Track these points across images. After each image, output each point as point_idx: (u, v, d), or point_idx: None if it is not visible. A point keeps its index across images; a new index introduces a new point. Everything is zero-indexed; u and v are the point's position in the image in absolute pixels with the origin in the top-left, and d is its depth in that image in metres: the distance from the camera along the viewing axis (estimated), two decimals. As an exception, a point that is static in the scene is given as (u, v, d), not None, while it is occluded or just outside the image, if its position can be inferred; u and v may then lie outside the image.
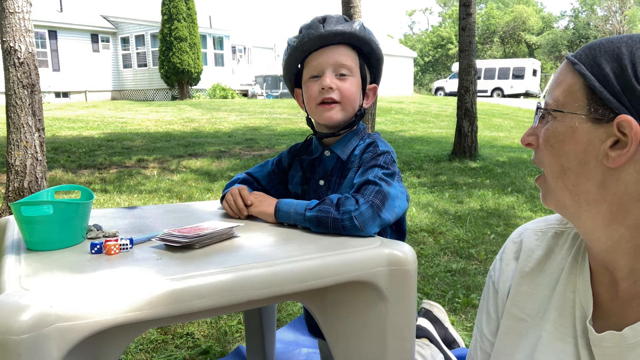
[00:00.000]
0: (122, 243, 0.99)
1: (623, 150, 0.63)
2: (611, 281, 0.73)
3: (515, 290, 0.85)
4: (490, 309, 0.91)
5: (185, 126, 11.14)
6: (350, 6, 5.39)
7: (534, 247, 0.86)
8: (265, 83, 22.66)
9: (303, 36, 1.29)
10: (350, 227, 1.10)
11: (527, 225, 0.90)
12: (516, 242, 0.89)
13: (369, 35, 1.31)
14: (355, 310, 1.05)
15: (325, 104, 1.30)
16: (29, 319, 0.71)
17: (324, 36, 1.27)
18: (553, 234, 0.85)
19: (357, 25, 1.29)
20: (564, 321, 0.77)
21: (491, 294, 0.92)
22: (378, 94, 1.52)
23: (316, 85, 1.30)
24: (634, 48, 0.64)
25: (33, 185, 3.84)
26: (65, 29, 20.13)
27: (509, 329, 0.85)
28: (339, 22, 1.29)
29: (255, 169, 1.49)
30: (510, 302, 0.86)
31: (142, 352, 1.94)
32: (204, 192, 5.05)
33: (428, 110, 17.05)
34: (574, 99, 0.68)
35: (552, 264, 0.82)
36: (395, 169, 1.23)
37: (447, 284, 2.66)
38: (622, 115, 0.63)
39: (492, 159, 7.29)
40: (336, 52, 1.30)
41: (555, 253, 0.83)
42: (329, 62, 1.29)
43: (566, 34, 49.44)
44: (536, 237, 0.86)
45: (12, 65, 3.72)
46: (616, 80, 0.63)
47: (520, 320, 0.84)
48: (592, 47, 0.68)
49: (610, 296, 0.73)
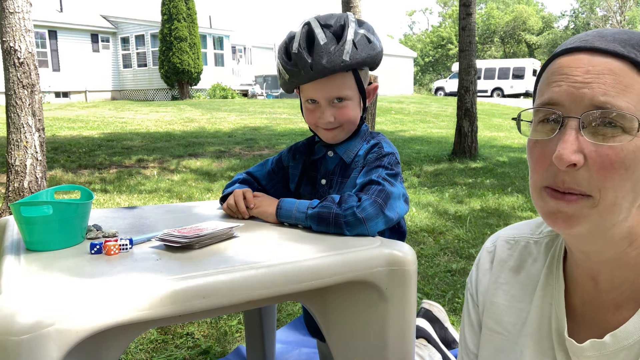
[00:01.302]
0: (122, 243, 0.99)
1: None
2: (596, 292, 0.71)
3: (490, 302, 0.83)
4: (473, 322, 0.87)
5: (185, 126, 11.14)
6: (350, 6, 5.38)
7: (506, 257, 0.82)
8: (265, 83, 22.65)
9: (292, 73, 1.25)
10: (353, 222, 1.10)
11: (499, 233, 0.86)
12: (490, 251, 0.86)
13: (361, 55, 1.22)
14: (355, 310, 1.05)
15: (326, 129, 1.30)
16: (28, 320, 0.70)
17: (314, 76, 1.22)
18: (525, 243, 0.81)
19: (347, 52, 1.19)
20: (542, 334, 0.75)
21: (471, 306, 0.88)
22: (378, 93, 1.51)
23: (315, 113, 1.29)
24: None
25: (33, 185, 3.84)
26: (65, 29, 20.13)
27: (487, 343, 0.83)
28: (327, 52, 1.18)
29: (255, 168, 1.48)
30: (487, 314, 0.83)
31: (142, 352, 1.94)
32: (204, 192, 5.05)
33: (428, 110, 17.05)
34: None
35: (527, 275, 0.79)
36: (398, 170, 1.24)
37: (447, 284, 2.66)
38: None
39: (492, 159, 7.29)
40: (330, 85, 1.24)
41: (528, 263, 0.80)
42: (324, 96, 1.26)
43: (566, 34, 49.43)
44: (508, 246, 0.83)
45: (12, 65, 3.72)
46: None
47: (497, 333, 0.81)
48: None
49: (594, 307, 0.71)
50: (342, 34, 1.22)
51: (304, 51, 1.21)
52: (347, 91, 1.26)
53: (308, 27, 1.23)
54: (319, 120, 1.28)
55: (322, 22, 1.23)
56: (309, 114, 1.32)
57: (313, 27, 1.22)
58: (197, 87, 20.60)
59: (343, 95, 1.26)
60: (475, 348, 0.88)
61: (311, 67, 1.20)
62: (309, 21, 1.24)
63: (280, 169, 1.46)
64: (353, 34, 1.22)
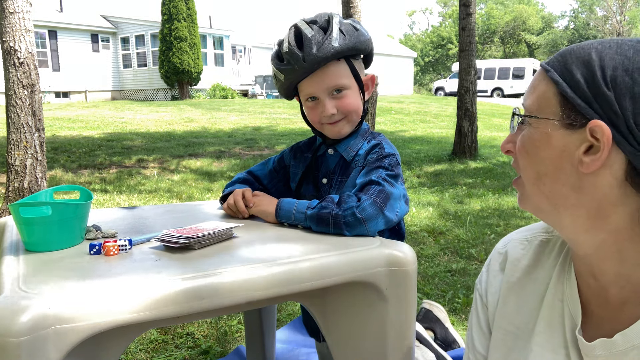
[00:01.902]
0: (121, 244, 0.99)
1: (596, 155, 0.63)
2: (599, 287, 0.72)
3: (503, 302, 0.84)
4: (482, 323, 0.89)
5: (185, 126, 11.14)
6: (350, 6, 5.38)
7: (519, 256, 0.84)
8: (265, 83, 22.65)
9: (287, 71, 1.25)
10: (352, 222, 1.09)
11: (512, 235, 0.89)
12: (502, 252, 0.88)
13: (350, 41, 1.24)
14: (355, 311, 1.04)
15: (330, 123, 1.30)
16: (27, 321, 0.70)
17: (309, 69, 1.23)
18: (539, 242, 0.84)
19: (336, 39, 1.22)
20: (554, 332, 0.76)
21: (479, 307, 0.90)
22: (378, 93, 1.51)
23: (316, 110, 1.29)
24: (603, 54, 0.64)
25: (33, 185, 3.84)
26: (65, 29, 20.13)
27: (499, 342, 0.84)
28: (316, 42, 1.21)
29: (256, 168, 1.48)
30: (499, 314, 0.84)
31: (142, 352, 1.94)
32: (203, 192, 5.05)
33: (428, 110, 17.05)
34: (548, 106, 0.68)
35: (540, 273, 0.81)
36: (399, 171, 1.23)
37: (447, 284, 2.66)
38: (594, 121, 0.63)
39: (492, 159, 7.28)
40: (326, 76, 1.25)
41: (542, 262, 0.82)
42: (322, 88, 1.26)
43: (566, 34, 49.43)
44: (522, 246, 0.85)
45: (12, 65, 3.72)
46: (587, 86, 0.64)
47: (509, 332, 0.82)
48: (564, 54, 0.68)
49: (600, 303, 0.73)
50: (328, 26, 1.24)
51: (294, 48, 1.22)
52: (344, 80, 1.27)
53: (295, 27, 1.26)
54: (322, 115, 1.28)
55: (307, 21, 1.26)
56: (311, 112, 1.31)
57: (299, 26, 1.25)
58: (197, 87, 20.59)
59: (340, 85, 1.26)
60: (482, 348, 0.89)
61: (304, 59, 1.21)
62: (296, 23, 1.27)
63: (282, 168, 1.46)
64: (339, 24, 1.25)
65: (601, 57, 0.64)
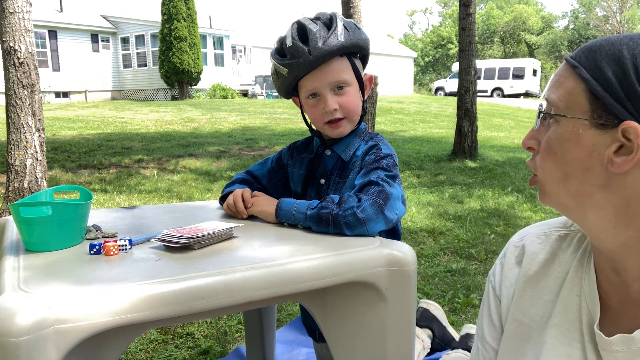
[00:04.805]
0: (121, 244, 0.99)
1: (628, 156, 0.62)
2: (621, 283, 0.71)
3: (519, 294, 0.84)
4: (493, 316, 0.89)
5: (185, 126, 11.14)
6: (350, 6, 5.38)
7: (537, 250, 0.84)
8: (265, 83, 22.64)
9: (291, 65, 1.25)
10: (353, 222, 1.10)
11: (528, 229, 0.88)
12: (518, 246, 0.87)
13: (354, 37, 1.26)
14: (355, 311, 1.05)
15: (332, 123, 1.30)
16: (27, 321, 0.70)
17: (314, 62, 1.23)
18: (557, 237, 0.83)
19: (341, 34, 1.24)
20: (570, 325, 0.76)
21: (492, 300, 0.90)
22: (378, 93, 1.51)
23: (318, 107, 1.29)
24: (635, 51, 0.62)
25: (33, 185, 3.84)
26: (65, 29, 20.12)
27: (513, 333, 0.84)
28: (322, 36, 1.22)
29: (255, 167, 1.48)
30: (515, 306, 0.84)
31: (142, 352, 1.94)
32: (203, 192, 5.04)
33: (428, 110, 17.05)
34: (577, 104, 0.66)
35: (557, 268, 0.81)
36: (396, 172, 1.24)
37: (447, 284, 2.66)
38: (628, 122, 0.61)
39: (492, 159, 7.28)
40: (330, 71, 1.26)
41: (559, 256, 0.81)
42: (325, 83, 1.26)
43: (566, 34, 49.42)
44: (539, 240, 0.85)
45: (12, 65, 3.72)
46: (619, 84, 0.62)
47: (524, 324, 0.82)
48: (593, 50, 0.66)
49: (620, 299, 0.72)
50: (332, 23, 1.26)
51: (298, 42, 1.23)
52: (346, 75, 1.27)
53: (298, 24, 1.26)
54: (324, 111, 1.28)
55: (310, 18, 1.27)
56: (312, 109, 1.31)
57: (303, 22, 1.26)
58: (197, 87, 20.59)
59: (342, 80, 1.27)
60: (491, 339, 0.89)
61: (310, 52, 1.22)
62: (298, 20, 1.28)
63: (281, 168, 1.46)
64: (342, 21, 1.26)
65: (633, 54, 0.62)
